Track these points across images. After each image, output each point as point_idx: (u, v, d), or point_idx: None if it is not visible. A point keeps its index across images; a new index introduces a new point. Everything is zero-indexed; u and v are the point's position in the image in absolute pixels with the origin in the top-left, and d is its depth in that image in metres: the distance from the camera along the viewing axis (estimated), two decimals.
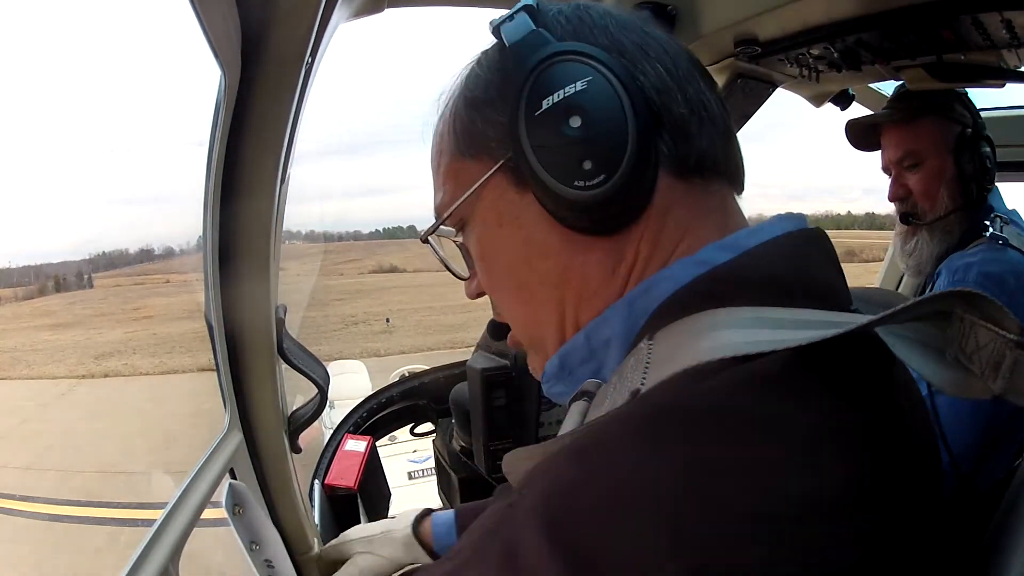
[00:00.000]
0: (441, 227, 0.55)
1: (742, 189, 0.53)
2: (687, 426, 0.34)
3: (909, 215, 1.35)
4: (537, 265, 0.50)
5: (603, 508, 0.32)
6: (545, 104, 0.45)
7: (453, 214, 0.53)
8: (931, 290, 1.25)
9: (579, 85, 0.44)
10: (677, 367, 0.38)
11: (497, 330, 0.95)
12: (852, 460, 0.34)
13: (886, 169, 1.37)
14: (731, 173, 0.51)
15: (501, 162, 0.49)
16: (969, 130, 1.28)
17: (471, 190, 0.51)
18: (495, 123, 0.49)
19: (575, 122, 0.44)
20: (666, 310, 0.44)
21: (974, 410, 1.10)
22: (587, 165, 0.44)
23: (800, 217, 0.49)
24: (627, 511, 0.32)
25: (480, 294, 0.58)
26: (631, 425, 0.36)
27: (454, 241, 0.57)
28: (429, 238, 0.57)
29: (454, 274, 0.60)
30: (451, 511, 0.99)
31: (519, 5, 0.49)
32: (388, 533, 0.98)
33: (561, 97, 0.44)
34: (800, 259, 0.46)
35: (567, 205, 0.46)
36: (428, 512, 0.99)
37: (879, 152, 1.39)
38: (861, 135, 1.42)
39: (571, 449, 0.37)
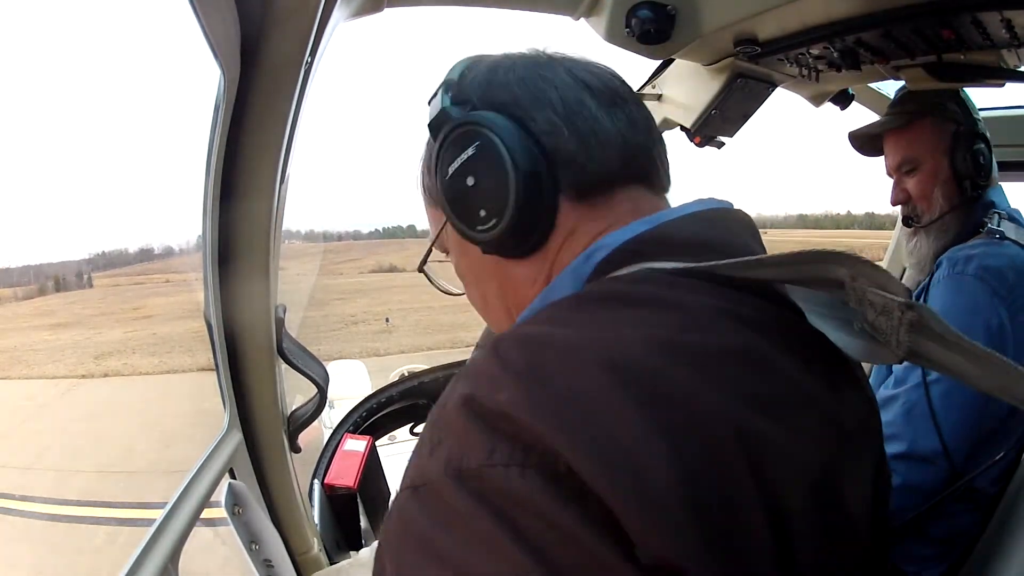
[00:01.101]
0: (438, 252, 0.68)
1: (664, 187, 0.60)
2: (584, 298, 0.47)
3: (910, 218, 1.38)
4: (484, 282, 0.62)
5: (533, 343, 0.42)
6: (451, 169, 0.56)
7: (438, 243, 0.66)
8: (929, 281, 1.27)
9: (470, 151, 0.55)
10: None
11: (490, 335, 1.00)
12: (744, 334, 0.42)
13: (889, 174, 1.40)
14: (640, 178, 0.58)
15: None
16: (962, 128, 1.30)
17: (439, 231, 0.64)
18: (434, 184, 0.60)
19: (470, 181, 0.55)
20: (601, 270, 0.52)
21: (969, 400, 1.11)
22: (482, 213, 0.55)
23: (722, 201, 0.58)
24: (552, 344, 0.41)
25: None
26: (549, 307, 0.48)
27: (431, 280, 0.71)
28: (424, 269, 0.70)
29: (450, 293, 0.72)
30: None
31: (442, 81, 0.59)
32: (357, 558, 0.99)
33: (460, 163, 0.56)
34: (712, 228, 0.54)
35: (479, 244, 0.57)
36: None
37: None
38: (864, 142, 1.44)
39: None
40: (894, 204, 1.40)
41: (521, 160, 0.54)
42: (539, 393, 0.37)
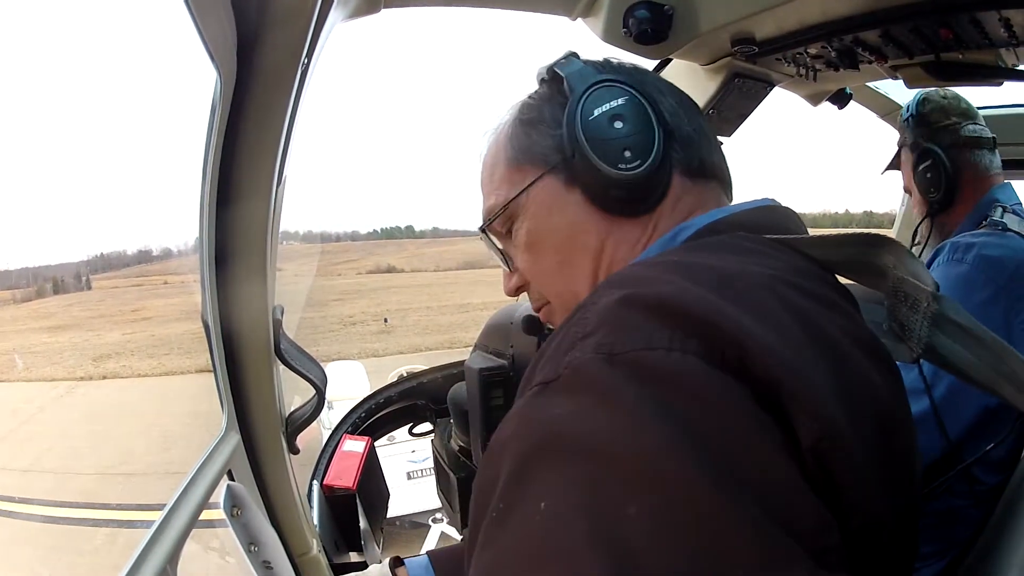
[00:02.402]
0: (491, 230, 0.71)
1: (731, 196, 0.68)
2: (709, 249, 0.53)
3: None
4: (580, 239, 0.64)
5: (655, 278, 0.45)
6: (596, 112, 0.61)
7: (508, 210, 0.67)
8: (929, 267, 1.28)
9: (620, 100, 0.62)
10: None
11: (533, 325, 1.07)
12: (827, 289, 0.49)
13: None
14: (723, 178, 0.67)
15: (553, 164, 0.64)
16: (920, 150, 1.39)
17: (527, 187, 0.66)
18: (549, 135, 0.65)
19: (619, 124, 0.61)
20: (685, 246, 0.58)
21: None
22: (627, 154, 0.60)
23: (774, 200, 0.65)
24: (679, 269, 0.45)
25: (519, 289, 0.73)
26: (661, 254, 0.56)
27: (497, 247, 0.73)
28: (484, 231, 0.72)
29: (505, 262, 0.73)
30: (424, 556, 0.97)
31: (567, 52, 0.67)
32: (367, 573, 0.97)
33: (608, 108, 0.61)
34: (774, 218, 0.62)
35: (612, 184, 0.61)
36: (399, 560, 0.96)
37: None
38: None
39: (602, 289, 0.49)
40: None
41: (661, 121, 0.62)
42: (704, 289, 0.41)
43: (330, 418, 2.45)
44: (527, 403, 0.39)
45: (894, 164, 1.52)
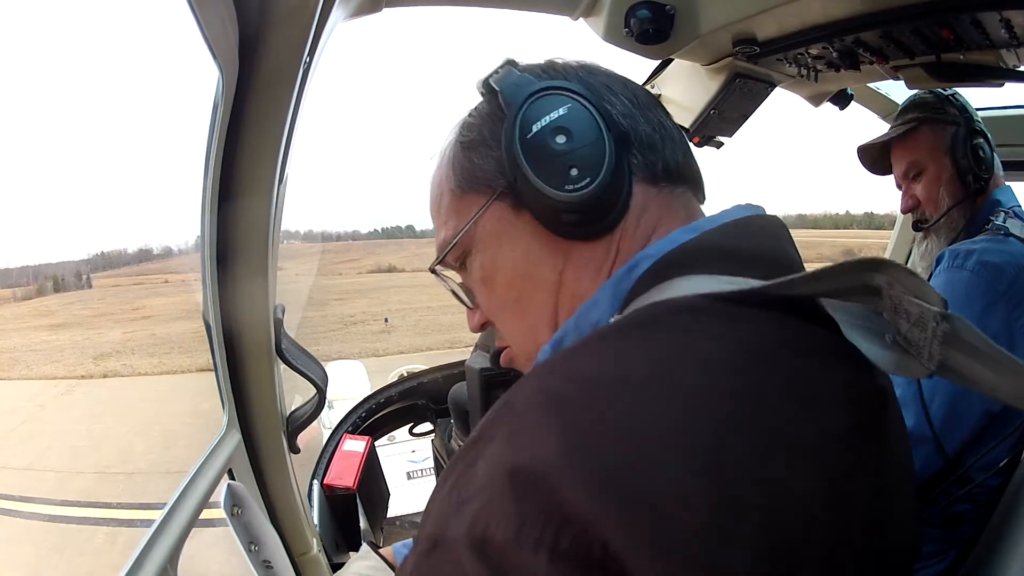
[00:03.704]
0: (445, 265, 0.64)
1: (704, 198, 0.62)
2: (649, 326, 0.43)
3: (919, 222, 1.43)
4: (535, 274, 0.58)
5: (590, 386, 0.38)
6: (535, 128, 0.55)
7: (458, 243, 0.61)
8: (932, 275, 1.27)
9: (561, 111, 0.55)
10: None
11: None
12: (784, 370, 0.40)
13: (898, 185, 1.44)
14: (693, 181, 0.61)
15: (499, 190, 0.57)
16: (960, 128, 1.33)
17: (473, 217, 0.59)
18: (490, 158, 0.58)
19: (561, 139, 0.54)
20: (642, 284, 0.51)
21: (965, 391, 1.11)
22: (574, 172, 0.54)
23: (757, 207, 0.58)
24: (611, 387, 0.37)
25: (483, 325, 0.66)
26: (606, 330, 0.45)
27: (455, 281, 0.67)
28: (436, 268, 0.65)
29: (462, 302, 0.67)
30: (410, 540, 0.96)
31: (503, 61, 0.60)
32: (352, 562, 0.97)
33: (548, 121, 0.55)
34: (752, 236, 0.54)
35: (561, 209, 0.54)
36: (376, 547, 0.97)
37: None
38: (875, 158, 1.48)
39: (560, 352, 0.45)
40: (904, 211, 1.45)
41: (612, 126, 0.55)
42: (588, 458, 0.34)
43: (330, 417, 2.45)
44: (418, 564, 0.39)
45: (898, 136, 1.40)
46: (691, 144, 0.63)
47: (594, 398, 0.37)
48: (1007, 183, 1.38)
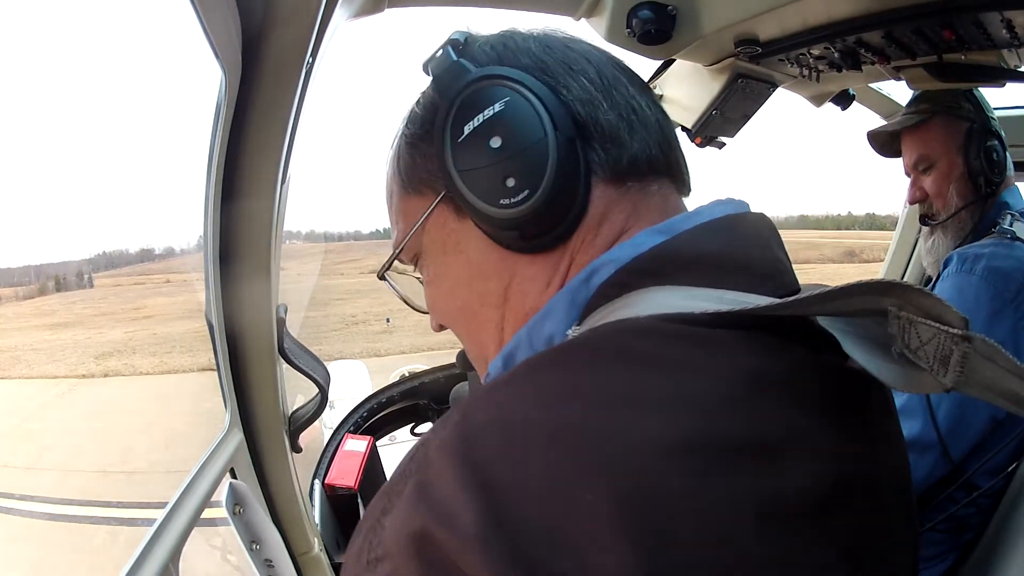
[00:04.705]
0: (402, 263, 0.58)
1: (688, 189, 0.53)
2: (597, 356, 0.36)
3: (926, 216, 1.40)
4: (478, 287, 0.52)
5: (513, 436, 0.32)
6: (467, 129, 0.47)
7: (406, 248, 0.55)
8: (938, 277, 1.27)
9: (497, 107, 0.46)
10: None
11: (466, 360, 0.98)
12: (781, 407, 0.34)
13: (907, 173, 1.42)
14: (671, 172, 0.51)
15: (442, 193, 0.51)
16: (975, 125, 1.31)
17: (417, 224, 0.53)
18: (430, 157, 0.51)
19: (495, 142, 0.46)
20: (603, 293, 0.44)
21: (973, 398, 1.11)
22: (510, 182, 0.45)
23: (740, 203, 0.50)
24: (537, 438, 0.31)
25: (441, 327, 0.60)
26: (545, 358, 0.38)
27: (417, 278, 0.60)
28: (386, 275, 0.60)
29: (414, 308, 0.62)
30: None
31: (444, 40, 0.51)
32: None
33: (480, 120, 0.46)
34: (734, 239, 0.46)
35: (498, 224, 0.47)
36: None
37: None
38: (884, 142, 1.46)
39: (487, 385, 0.39)
40: (911, 203, 1.43)
41: (560, 122, 0.46)
42: (503, 529, 0.29)
43: (332, 417, 2.45)
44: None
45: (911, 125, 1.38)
46: (676, 131, 0.54)
47: (517, 450, 0.31)
48: (1015, 183, 1.37)
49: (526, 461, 0.31)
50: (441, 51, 0.50)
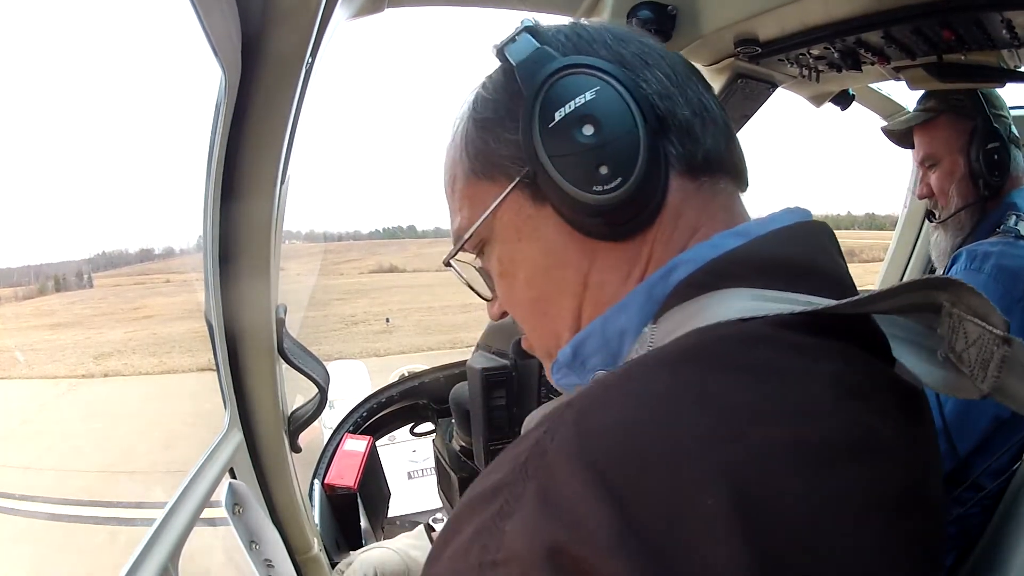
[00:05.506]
0: (462, 250, 0.57)
1: (746, 186, 0.54)
2: (710, 362, 0.37)
3: (931, 212, 1.43)
4: (556, 275, 0.52)
5: (635, 441, 0.33)
6: (558, 116, 0.47)
7: (473, 236, 0.55)
8: (946, 274, 1.27)
9: (588, 95, 0.47)
10: (682, 331, 0.41)
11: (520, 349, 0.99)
12: (854, 411, 0.36)
13: (918, 168, 1.44)
14: (735, 170, 0.53)
15: (517, 179, 0.50)
16: (979, 126, 1.32)
17: (489, 210, 0.52)
18: (507, 142, 0.51)
19: (588, 130, 0.46)
20: (680, 292, 0.46)
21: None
22: (603, 170, 0.46)
23: (805, 211, 0.52)
24: (659, 443, 0.32)
25: (503, 314, 0.60)
26: (657, 360, 0.39)
27: (474, 265, 0.60)
28: (452, 261, 0.59)
29: (479, 295, 0.62)
30: None
31: (520, 26, 0.52)
32: (400, 536, 0.99)
33: (572, 108, 0.47)
34: (804, 246, 0.48)
35: (587, 211, 0.48)
36: (432, 527, 0.99)
37: None
38: (900, 136, 1.47)
39: (596, 383, 0.39)
40: (920, 198, 1.45)
41: (648, 111, 0.47)
42: (638, 539, 0.29)
43: (331, 417, 2.45)
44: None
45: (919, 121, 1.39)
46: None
47: (640, 455, 0.32)
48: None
49: (649, 467, 0.31)
50: (520, 37, 0.51)
